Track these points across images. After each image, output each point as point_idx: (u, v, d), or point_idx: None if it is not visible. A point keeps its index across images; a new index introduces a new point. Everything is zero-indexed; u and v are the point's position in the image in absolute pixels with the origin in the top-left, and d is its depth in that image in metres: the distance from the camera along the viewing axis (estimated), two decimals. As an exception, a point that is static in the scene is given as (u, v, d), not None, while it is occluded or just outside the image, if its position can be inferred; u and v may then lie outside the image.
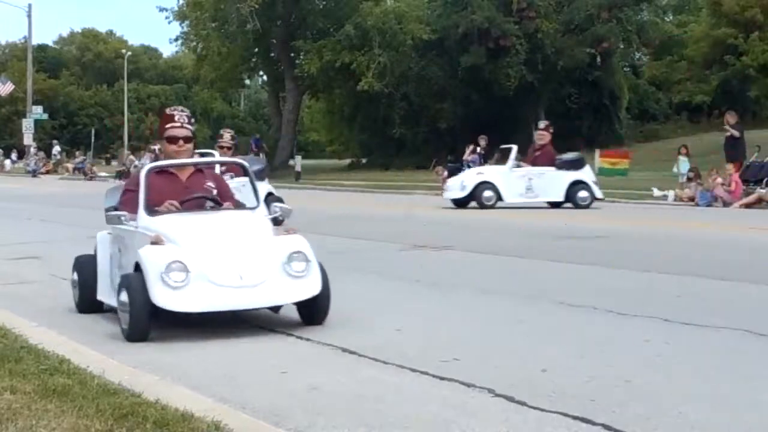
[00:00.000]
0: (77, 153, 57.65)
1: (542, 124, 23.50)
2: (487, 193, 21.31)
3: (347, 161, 53.62)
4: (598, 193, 21.72)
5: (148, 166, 8.00)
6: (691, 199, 22.91)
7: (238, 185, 18.56)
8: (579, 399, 4.99)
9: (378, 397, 5.22)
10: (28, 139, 58.79)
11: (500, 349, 6.35)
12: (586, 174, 22.04)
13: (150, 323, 6.85)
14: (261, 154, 41.47)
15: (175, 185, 7.78)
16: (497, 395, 5.14)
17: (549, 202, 21.50)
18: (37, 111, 61.17)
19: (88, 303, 8.09)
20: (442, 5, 46.45)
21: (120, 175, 47.22)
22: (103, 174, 50.61)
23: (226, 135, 17.92)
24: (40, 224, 18.57)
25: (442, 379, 5.55)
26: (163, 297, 6.79)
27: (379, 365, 5.95)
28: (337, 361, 6.01)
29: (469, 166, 30.12)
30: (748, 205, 21.37)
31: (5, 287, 9.89)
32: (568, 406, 4.84)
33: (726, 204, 21.69)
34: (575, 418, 4.66)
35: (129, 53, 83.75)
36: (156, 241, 7.07)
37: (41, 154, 58.04)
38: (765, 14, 50.19)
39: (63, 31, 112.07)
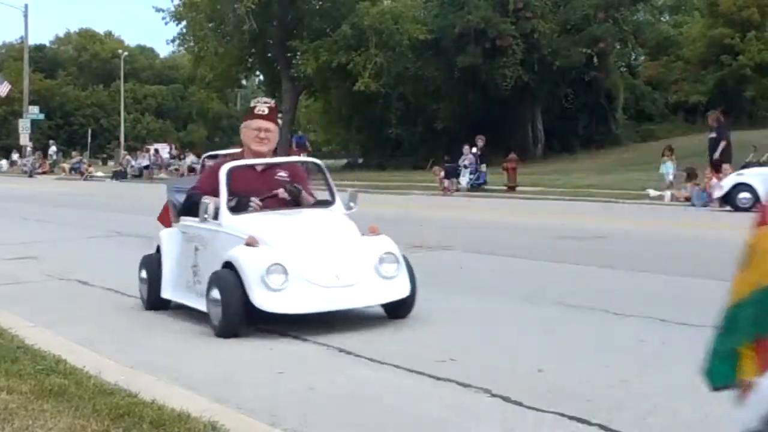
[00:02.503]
0: (74, 153, 57.53)
1: None
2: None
3: (344, 161, 53.59)
4: None
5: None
6: (687, 199, 22.92)
7: None
8: (576, 399, 5.00)
9: (374, 397, 5.23)
10: (24, 139, 58.72)
11: (497, 350, 6.35)
12: None
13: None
14: (302, 155, 40.06)
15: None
16: (494, 395, 5.14)
17: None
18: (34, 111, 61.07)
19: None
20: (438, 5, 46.45)
21: (116, 175, 47.18)
22: (100, 174, 50.55)
23: None
24: (36, 224, 18.55)
25: (438, 379, 5.55)
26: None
27: (375, 365, 5.96)
28: (333, 362, 6.01)
29: (465, 167, 30.12)
30: (744, 206, 21.37)
31: (2, 287, 9.88)
32: (564, 406, 4.85)
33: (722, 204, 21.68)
34: (572, 418, 4.66)
35: (125, 53, 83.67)
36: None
37: (39, 153, 57.96)
38: (762, 14, 50.23)
39: (60, 32, 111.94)
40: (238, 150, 8.39)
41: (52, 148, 60.40)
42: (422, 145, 46.18)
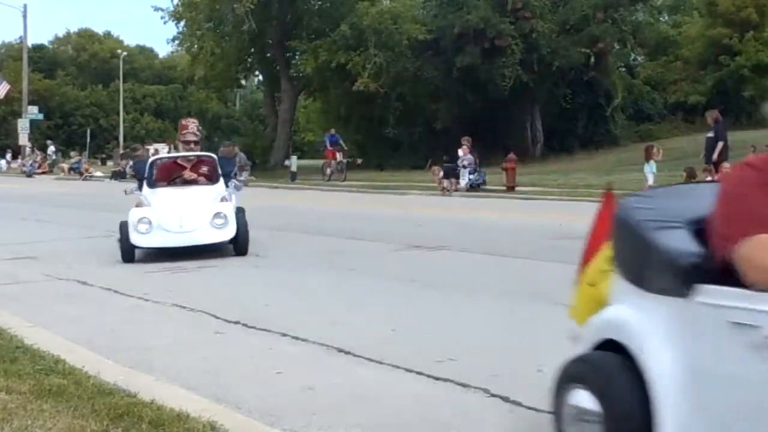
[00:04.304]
0: (72, 153, 57.41)
1: None
2: None
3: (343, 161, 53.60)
4: None
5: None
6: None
7: None
8: (574, 399, 4.99)
9: (373, 397, 5.23)
10: (23, 139, 58.64)
11: (495, 349, 6.35)
12: None
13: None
14: (339, 153, 39.12)
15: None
16: (492, 395, 5.15)
17: None
18: (33, 111, 60.99)
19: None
20: (437, 5, 46.43)
21: (115, 175, 47.14)
22: (99, 174, 50.51)
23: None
24: (36, 224, 18.56)
25: (437, 379, 5.55)
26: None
27: (374, 365, 5.96)
28: (332, 361, 6.02)
29: (464, 167, 30.09)
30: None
31: (2, 287, 9.89)
32: (563, 405, 4.84)
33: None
34: (570, 417, 4.65)
35: (125, 53, 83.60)
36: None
37: (39, 153, 57.83)
38: (760, 14, 50.24)
39: (59, 32, 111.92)
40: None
41: (51, 148, 60.29)
42: (421, 145, 46.17)
